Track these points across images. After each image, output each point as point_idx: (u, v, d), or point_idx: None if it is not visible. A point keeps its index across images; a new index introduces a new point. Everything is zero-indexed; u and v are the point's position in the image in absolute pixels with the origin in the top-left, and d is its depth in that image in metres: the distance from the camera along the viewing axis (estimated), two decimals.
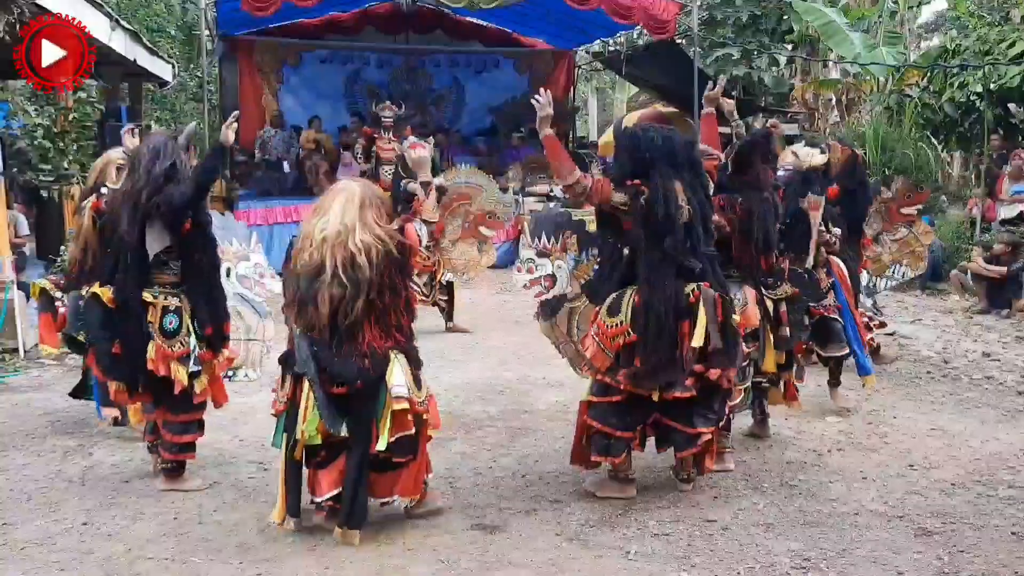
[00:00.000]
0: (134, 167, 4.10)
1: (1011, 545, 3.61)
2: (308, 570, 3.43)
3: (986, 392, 5.96)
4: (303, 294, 3.54)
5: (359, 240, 3.49)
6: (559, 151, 4.02)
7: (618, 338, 3.91)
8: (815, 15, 13.35)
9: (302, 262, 3.54)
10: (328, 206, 3.59)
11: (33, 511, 4.01)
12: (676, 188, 3.89)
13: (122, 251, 4.07)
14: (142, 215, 4.00)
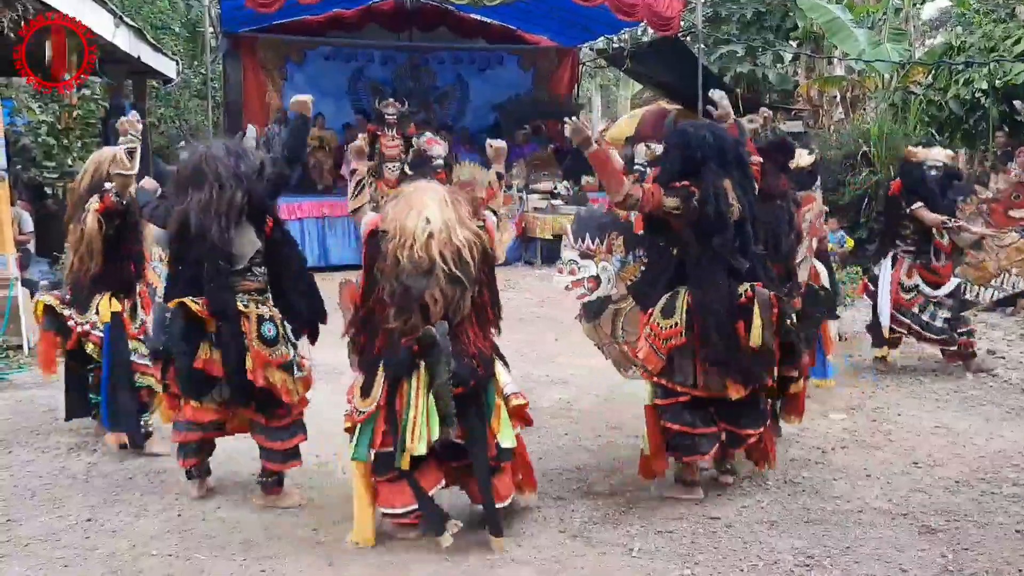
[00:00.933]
0: (204, 174, 3.81)
1: (1015, 543, 3.60)
2: (312, 567, 3.43)
3: (991, 390, 5.95)
4: (407, 293, 3.41)
5: (461, 236, 3.46)
6: (608, 167, 3.88)
7: (671, 339, 3.90)
8: (819, 12, 13.30)
9: (409, 260, 3.39)
10: (421, 203, 3.50)
11: (37, 508, 4.02)
12: (726, 186, 3.89)
13: (209, 260, 3.80)
14: (233, 220, 3.81)
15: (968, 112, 12.09)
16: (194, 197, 3.81)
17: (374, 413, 3.50)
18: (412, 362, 3.43)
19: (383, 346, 3.55)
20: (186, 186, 3.86)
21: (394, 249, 3.42)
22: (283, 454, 3.99)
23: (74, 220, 4.67)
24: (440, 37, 14.85)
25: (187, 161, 3.96)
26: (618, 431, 4.98)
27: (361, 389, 3.56)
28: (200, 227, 3.77)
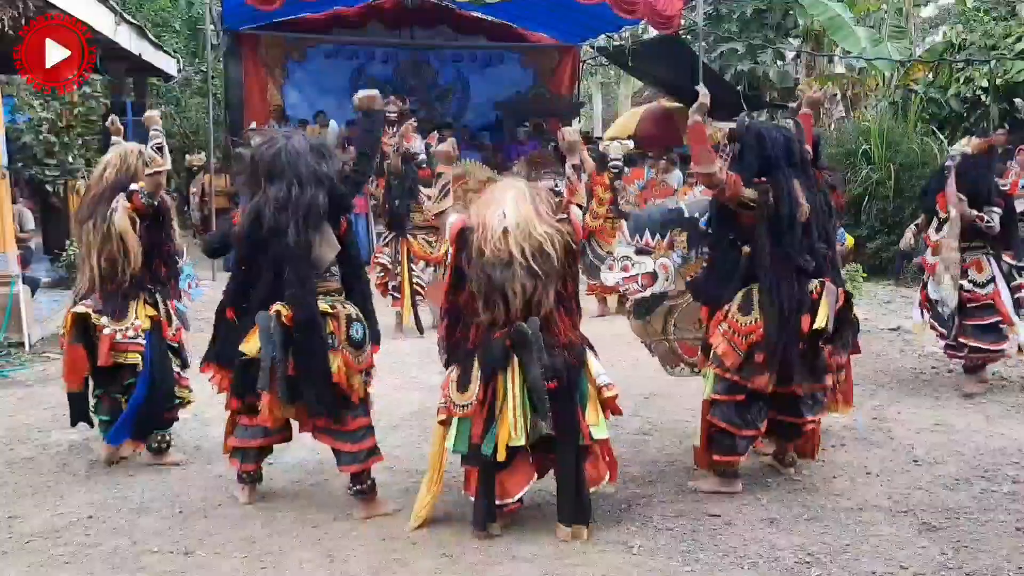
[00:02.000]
0: (281, 172, 3.68)
1: (1015, 540, 3.61)
2: (313, 563, 3.44)
3: (990, 388, 5.95)
4: (490, 286, 3.49)
5: (541, 231, 3.52)
6: (704, 141, 3.95)
7: (751, 335, 3.95)
8: (820, 9, 13.31)
9: (490, 253, 3.48)
10: (500, 199, 3.60)
11: (39, 505, 4.03)
12: (796, 186, 3.96)
13: (290, 263, 3.66)
14: (313, 222, 3.69)
15: (968, 110, 12.09)
16: (270, 192, 3.68)
17: (475, 407, 3.54)
18: (506, 355, 3.51)
19: (475, 340, 3.61)
20: (261, 177, 3.73)
21: (477, 243, 3.52)
22: (363, 454, 3.85)
23: (93, 219, 4.30)
24: (441, 35, 14.87)
25: (264, 150, 3.79)
26: (619, 428, 4.98)
27: (457, 383, 3.60)
28: (275, 225, 3.64)
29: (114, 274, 4.29)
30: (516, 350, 3.50)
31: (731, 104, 14.84)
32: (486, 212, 3.58)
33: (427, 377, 6.21)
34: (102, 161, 4.47)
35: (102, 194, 4.32)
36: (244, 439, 3.94)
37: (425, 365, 6.49)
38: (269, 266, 3.69)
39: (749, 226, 3.99)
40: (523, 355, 3.48)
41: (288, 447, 4.72)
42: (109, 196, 4.28)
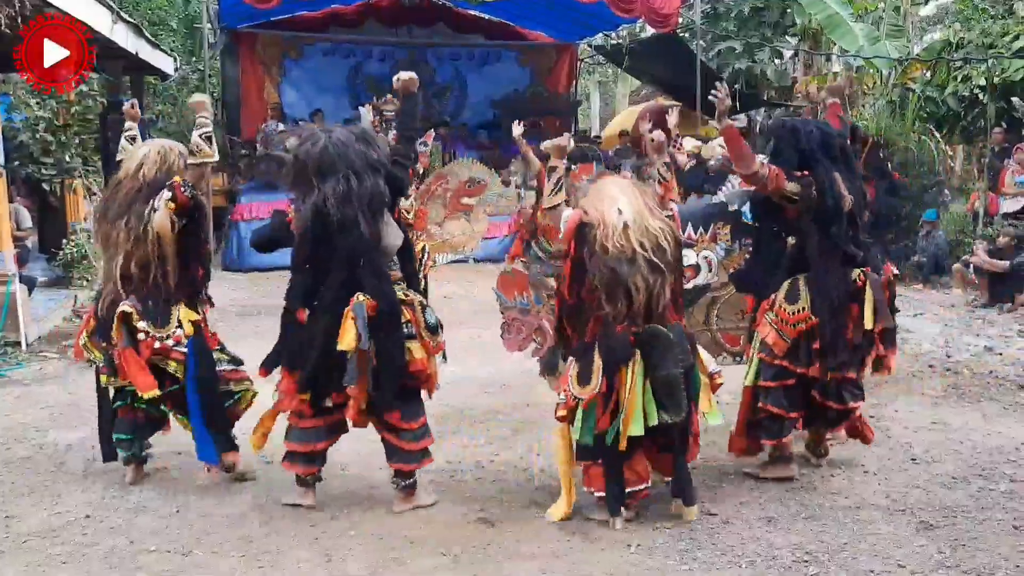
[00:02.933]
0: (332, 165, 3.63)
1: (1012, 538, 3.61)
2: (311, 562, 3.44)
3: (988, 386, 5.96)
4: (614, 280, 3.56)
5: (655, 226, 3.63)
6: (740, 142, 4.04)
7: (799, 324, 4.07)
8: (818, 8, 13.30)
9: (613, 249, 3.56)
10: (613, 195, 3.69)
11: (36, 504, 4.02)
12: (837, 178, 4.06)
13: (366, 255, 3.65)
14: (379, 210, 3.70)
15: (966, 109, 12.10)
16: (326, 188, 3.61)
17: (594, 399, 3.59)
18: (630, 349, 3.57)
19: (596, 333, 3.65)
20: (312, 175, 3.65)
21: (600, 239, 3.58)
22: (418, 454, 3.87)
23: (126, 218, 3.99)
24: (438, 33, 14.86)
25: (309, 147, 3.70)
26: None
27: (578, 377, 3.64)
28: (342, 219, 3.58)
29: (144, 278, 4.01)
30: (645, 347, 3.58)
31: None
32: (602, 208, 3.65)
33: None
34: (135, 155, 4.14)
35: (138, 192, 4.03)
36: (307, 442, 3.85)
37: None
38: (342, 261, 3.64)
39: (793, 218, 4.10)
40: (655, 352, 3.58)
41: None
42: (146, 195, 4.01)
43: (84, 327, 4.24)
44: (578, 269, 3.67)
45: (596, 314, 3.64)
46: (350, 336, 3.57)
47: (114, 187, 4.14)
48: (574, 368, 3.68)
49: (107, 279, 4.12)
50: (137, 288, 4.01)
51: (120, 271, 4.00)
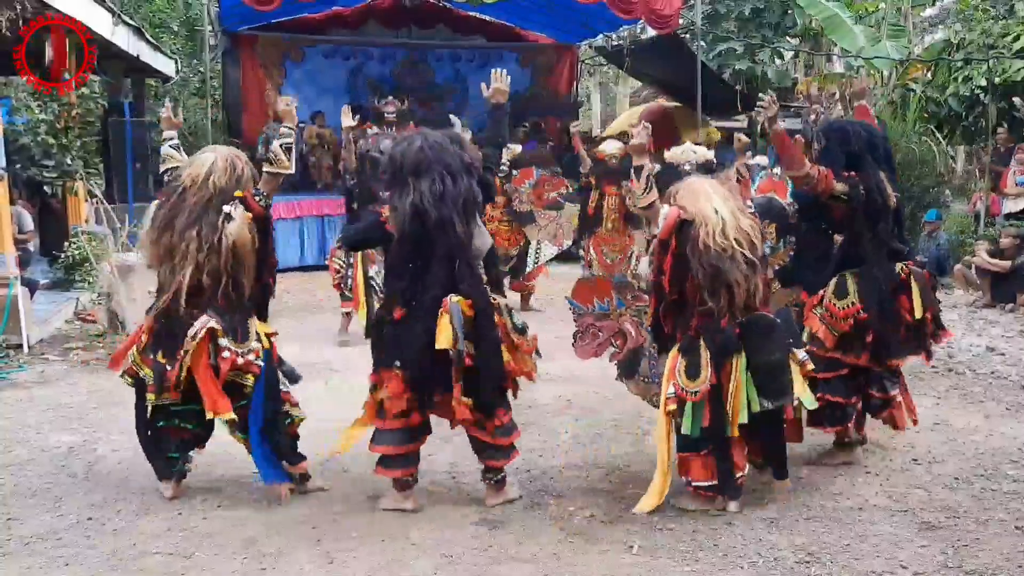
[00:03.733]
0: (429, 166, 3.68)
1: (1015, 539, 3.61)
2: (312, 564, 3.44)
3: (990, 386, 5.95)
4: (718, 275, 3.69)
5: (746, 224, 3.80)
6: (790, 144, 4.16)
7: (849, 318, 4.25)
8: (818, 8, 13.31)
9: (714, 246, 3.68)
10: (708, 193, 3.82)
11: (38, 506, 4.02)
12: (883, 177, 4.28)
13: (459, 254, 3.72)
14: (473, 211, 3.78)
15: (967, 109, 12.10)
16: (422, 187, 3.66)
17: (706, 392, 3.72)
18: (737, 342, 3.73)
19: (700, 327, 3.78)
20: (408, 175, 3.71)
21: (703, 236, 3.70)
22: (507, 449, 3.95)
23: (197, 227, 3.82)
24: (439, 34, 14.85)
25: (406, 148, 3.77)
26: (619, 428, 4.99)
27: (686, 371, 3.76)
28: (439, 218, 3.65)
29: (216, 290, 3.85)
30: (749, 335, 3.75)
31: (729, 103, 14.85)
32: (700, 206, 3.77)
33: None
34: (201, 164, 3.95)
35: (208, 202, 3.86)
36: (399, 444, 3.85)
37: None
38: (440, 260, 3.69)
39: (841, 216, 4.27)
40: (758, 340, 3.75)
41: None
42: (218, 205, 3.86)
43: (134, 342, 4.03)
44: (680, 265, 3.78)
45: (699, 309, 3.78)
46: (447, 334, 3.62)
47: (177, 196, 3.92)
48: (681, 363, 3.80)
49: (166, 291, 3.90)
50: (208, 301, 3.86)
51: (189, 283, 3.82)
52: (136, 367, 3.97)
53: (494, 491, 3.96)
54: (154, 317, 3.94)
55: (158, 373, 3.86)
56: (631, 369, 4.47)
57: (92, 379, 6.23)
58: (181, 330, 3.83)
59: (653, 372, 4.30)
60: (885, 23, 13.55)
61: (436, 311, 3.65)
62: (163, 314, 3.90)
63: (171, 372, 3.81)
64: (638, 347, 4.41)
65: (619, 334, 4.52)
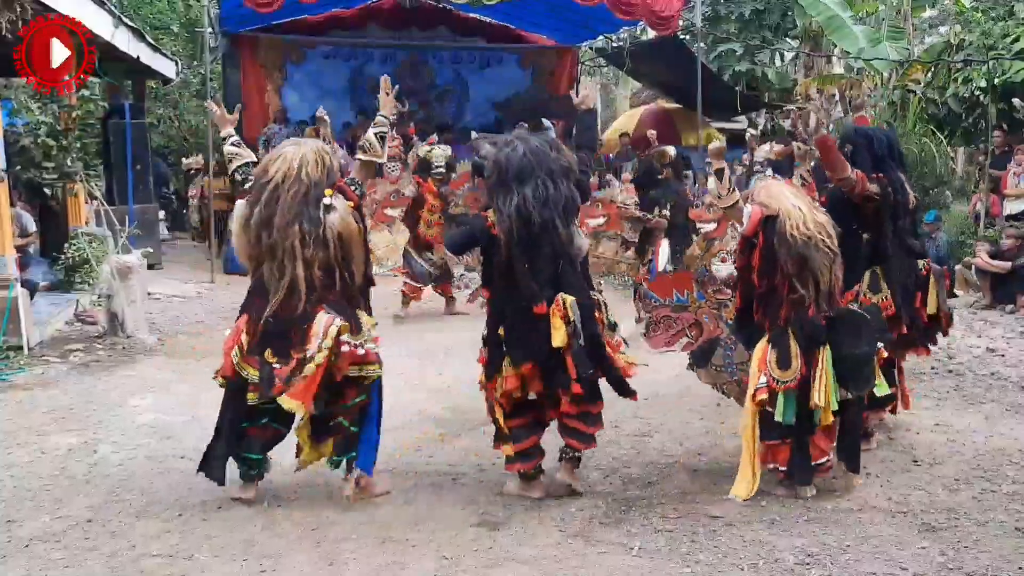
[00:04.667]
0: (532, 171, 3.81)
1: (1015, 540, 3.61)
2: (312, 566, 3.43)
3: (990, 388, 5.95)
4: (805, 267, 3.91)
5: (821, 218, 4.03)
6: (834, 150, 4.41)
7: (884, 311, 4.47)
8: (819, 9, 13.30)
9: (800, 239, 3.90)
10: (786, 193, 4.08)
11: (38, 508, 4.02)
12: (903, 178, 4.58)
13: (563, 256, 3.90)
14: (572, 214, 3.97)
15: (967, 110, 12.09)
16: (526, 191, 3.81)
17: (798, 381, 3.90)
18: (824, 332, 3.93)
19: (789, 318, 3.96)
20: (511, 180, 3.85)
21: (789, 229, 3.92)
22: (590, 437, 4.09)
23: (299, 222, 3.76)
24: (439, 36, 14.87)
25: (510, 153, 3.89)
26: (618, 430, 4.98)
27: (778, 361, 3.92)
28: (542, 221, 3.80)
29: (330, 284, 3.83)
30: (836, 328, 3.95)
31: (729, 105, 14.86)
32: (782, 202, 4.00)
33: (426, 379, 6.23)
34: (289, 158, 3.85)
35: (305, 196, 3.79)
36: (520, 441, 4.02)
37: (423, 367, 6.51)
38: (547, 261, 3.87)
39: (869, 215, 4.51)
40: (845, 333, 3.96)
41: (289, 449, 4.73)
42: (315, 197, 3.81)
43: (235, 342, 3.87)
44: (768, 258, 3.98)
45: (791, 297, 3.96)
46: (561, 333, 3.79)
47: (269, 194, 3.81)
48: (771, 354, 3.96)
49: (272, 290, 3.80)
50: (322, 296, 3.81)
51: (304, 278, 3.77)
52: (240, 369, 3.86)
53: (569, 469, 4.10)
54: (256, 316, 3.85)
55: (266, 373, 3.79)
56: (704, 358, 4.62)
57: (92, 381, 6.23)
58: (293, 328, 3.78)
59: (727, 362, 4.45)
60: (885, 24, 13.55)
61: (547, 310, 3.83)
62: (272, 313, 3.81)
63: (282, 370, 3.75)
64: (714, 337, 4.60)
65: (695, 325, 4.70)
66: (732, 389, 4.62)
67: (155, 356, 7.01)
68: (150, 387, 6.07)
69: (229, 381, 3.93)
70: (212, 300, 9.57)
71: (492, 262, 3.98)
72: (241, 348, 3.86)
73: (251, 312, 3.89)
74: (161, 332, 7.79)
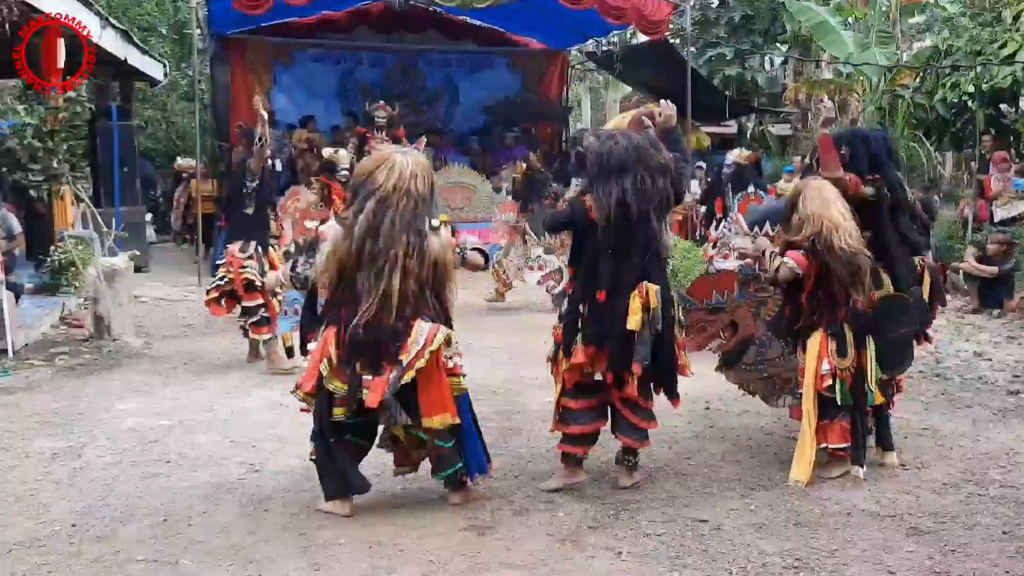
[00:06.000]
0: (633, 164, 3.99)
1: (1002, 544, 3.61)
2: (299, 571, 3.41)
3: (978, 392, 5.97)
4: (858, 272, 4.17)
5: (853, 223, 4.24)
6: (833, 150, 4.48)
7: None
8: (808, 15, 13.37)
9: (851, 248, 4.14)
10: (832, 198, 4.25)
11: (22, 513, 3.98)
12: (901, 177, 4.70)
13: (652, 247, 4.08)
14: (666, 209, 4.15)
15: (955, 115, 12.16)
16: (625, 183, 3.98)
17: (856, 368, 4.25)
18: (872, 323, 4.27)
19: (843, 317, 4.26)
20: (612, 171, 4.01)
21: (838, 242, 4.13)
22: (644, 432, 4.21)
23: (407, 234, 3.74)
24: (429, 39, 14.85)
25: (612, 145, 4.07)
26: (606, 433, 4.97)
27: (837, 351, 4.24)
28: (639, 212, 3.99)
29: (421, 297, 3.80)
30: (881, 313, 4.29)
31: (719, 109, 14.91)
32: (830, 213, 4.19)
33: None
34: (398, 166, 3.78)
35: (414, 208, 3.76)
36: (584, 424, 4.19)
37: None
38: (639, 249, 4.05)
39: (868, 214, 4.52)
40: (888, 317, 4.31)
41: (276, 453, 4.71)
42: (424, 212, 3.80)
43: (323, 354, 3.80)
44: (824, 274, 4.24)
45: (845, 300, 4.23)
46: (638, 317, 3.98)
47: (379, 204, 3.73)
48: (831, 344, 4.25)
49: (365, 298, 3.73)
50: (416, 310, 3.77)
51: (400, 290, 3.72)
52: (328, 383, 3.79)
53: (628, 473, 4.25)
54: (343, 326, 3.78)
55: (354, 386, 3.74)
56: (735, 359, 4.77)
57: (78, 384, 6.19)
58: (385, 340, 3.73)
59: (759, 359, 4.72)
60: (874, 30, 13.62)
61: (630, 295, 4.01)
62: (364, 323, 3.73)
63: (377, 381, 3.71)
64: (748, 336, 4.76)
65: (730, 326, 4.82)
66: (759, 387, 4.88)
67: (141, 360, 6.97)
68: (136, 391, 6.03)
69: (315, 396, 3.84)
70: (198, 303, 9.51)
71: (584, 245, 4.17)
72: (330, 360, 3.78)
73: (338, 323, 3.81)
74: (147, 336, 7.74)
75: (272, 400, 5.67)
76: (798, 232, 4.26)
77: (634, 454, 4.25)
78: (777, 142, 17.10)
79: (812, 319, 4.34)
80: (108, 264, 7.65)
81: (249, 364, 6.70)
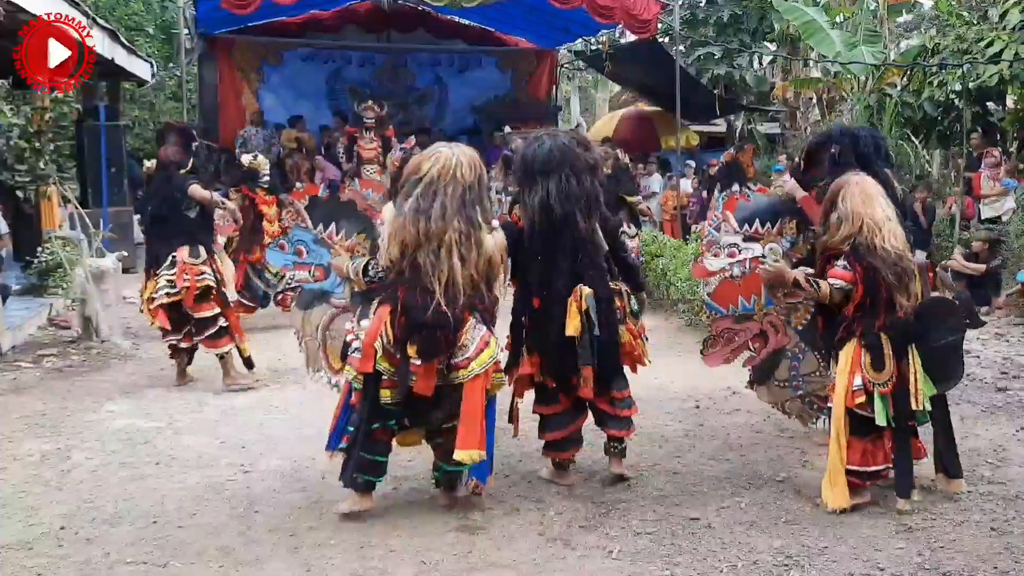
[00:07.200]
0: (557, 166, 3.98)
1: (991, 540, 3.63)
2: (290, 572, 3.40)
3: (966, 389, 5.99)
4: (903, 276, 3.91)
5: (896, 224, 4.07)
6: (814, 206, 4.39)
7: None
8: (796, 14, 13.41)
9: (895, 249, 3.91)
10: (875, 195, 4.00)
11: (10, 516, 3.95)
12: (889, 174, 4.51)
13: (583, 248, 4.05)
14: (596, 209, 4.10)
15: (942, 114, 12.22)
16: (550, 186, 3.97)
17: (895, 383, 3.88)
18: (914, 330, 3.93)
19: (882, 325, 3.91)
20: (537, 174, 4.01)
21: (880, 243, 3.90)
22: (627, 421, 4.22)
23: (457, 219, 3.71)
24: (418, 39, 14.83)
25: (536, 148, 4.06)
26: (597, 433, 4.97)
27: (872, 364, 3.88)
28: (563, 213, 3.96)
29: (478, 292, 3.79)
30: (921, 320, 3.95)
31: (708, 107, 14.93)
32: (874, 212, 3.94)
33: None
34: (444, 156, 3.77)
35: (462, 196, 3.74)
36: (561, 429, 4.18)
37: None
38: (566, 252, 4.01)
39: None
40: (927, 324, 3.95)
41: (266, 454, 4.69)
42: (472, 200, 3.76)
43: (377, 333, 3.71)
44: (871, 280, 3.92)
45: (886, 307, 3.91)
46: (576, 322, 3.95)
47: (425, 188, 3.72)
48: (866, 357, 3.90)
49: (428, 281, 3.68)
50: (471, 302, 3.76)
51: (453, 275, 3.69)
52: (379, 364, 3.72)
53: (617, 460, 4.26)
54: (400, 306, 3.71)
55: (404, 370, 3.70)
56: (767, 374, 4.52)
57: (66, 386, 6.15)
58: (441, 328, 3.68)
59: (793, 374, 4.45)
60: (861, 29, 13.67)
61: (565, 300, 3.98)
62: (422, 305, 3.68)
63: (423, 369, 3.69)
64: (780, 349, 4.48)
65: (759, 336, 4.53)
66: (794, 407, 4.58)
67: (130, 361, 6.94)
68: (125, 392, 6.00)
69: (365, 377, 3.76)
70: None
71: (516, 255, 4.08)
72: (384, 339, 3.71)
73: (393, 302, 3.73)
74: (136, 337, 7.71)
75: (262, 401, 5.66)
76: (836, 231, 3.98)
77: (620, 440, 4.26)
78: (765, 140, 17.16)
79: (852, 327, 3.97)
80: (96, 265, 7.61)
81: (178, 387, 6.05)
